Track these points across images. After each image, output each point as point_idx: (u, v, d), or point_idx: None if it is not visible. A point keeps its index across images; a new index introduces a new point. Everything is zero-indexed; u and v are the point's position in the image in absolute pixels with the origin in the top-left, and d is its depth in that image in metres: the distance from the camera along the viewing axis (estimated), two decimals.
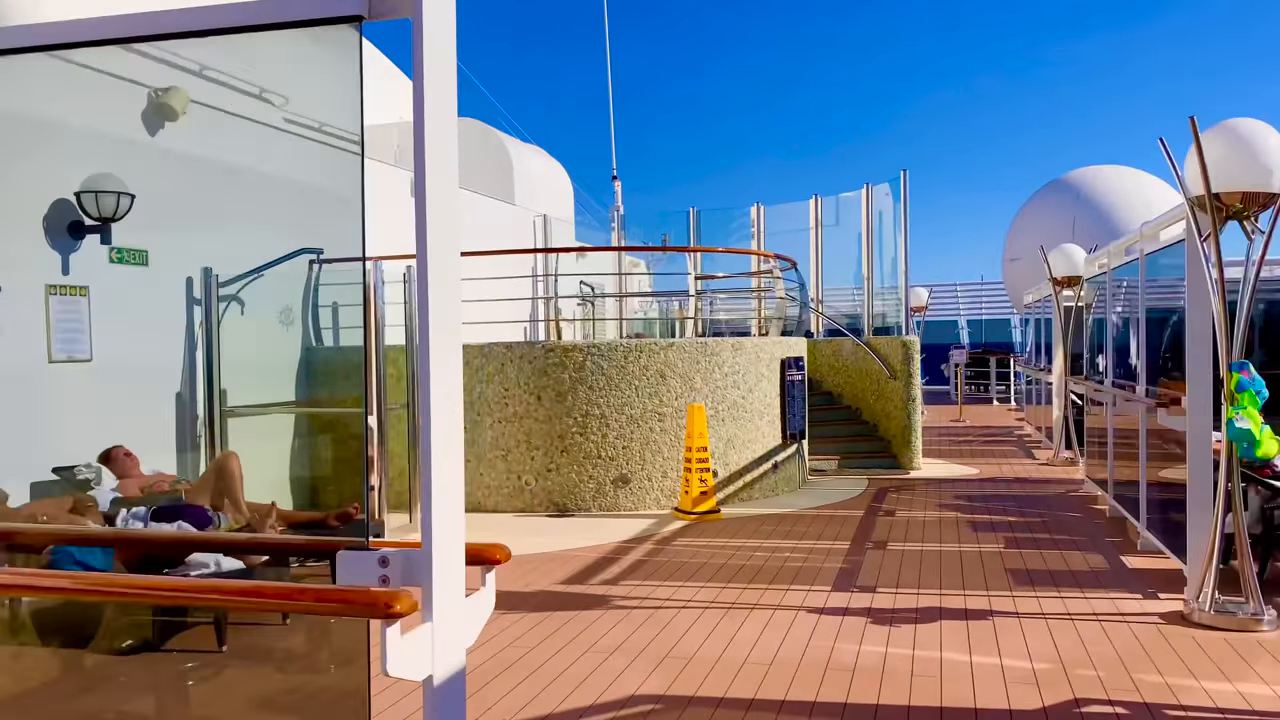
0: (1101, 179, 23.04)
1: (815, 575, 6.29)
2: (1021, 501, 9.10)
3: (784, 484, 9.81)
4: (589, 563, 6.82)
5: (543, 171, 16.07)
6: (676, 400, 8.91)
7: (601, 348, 8.86)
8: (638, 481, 8.84)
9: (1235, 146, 4.93)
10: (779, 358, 9.79)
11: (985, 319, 31.17)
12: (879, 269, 12.60)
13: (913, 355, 11.48)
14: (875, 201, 12.36)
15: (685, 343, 9.03)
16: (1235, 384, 4.95)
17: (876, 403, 11.99)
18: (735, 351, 9.26)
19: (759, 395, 9.48)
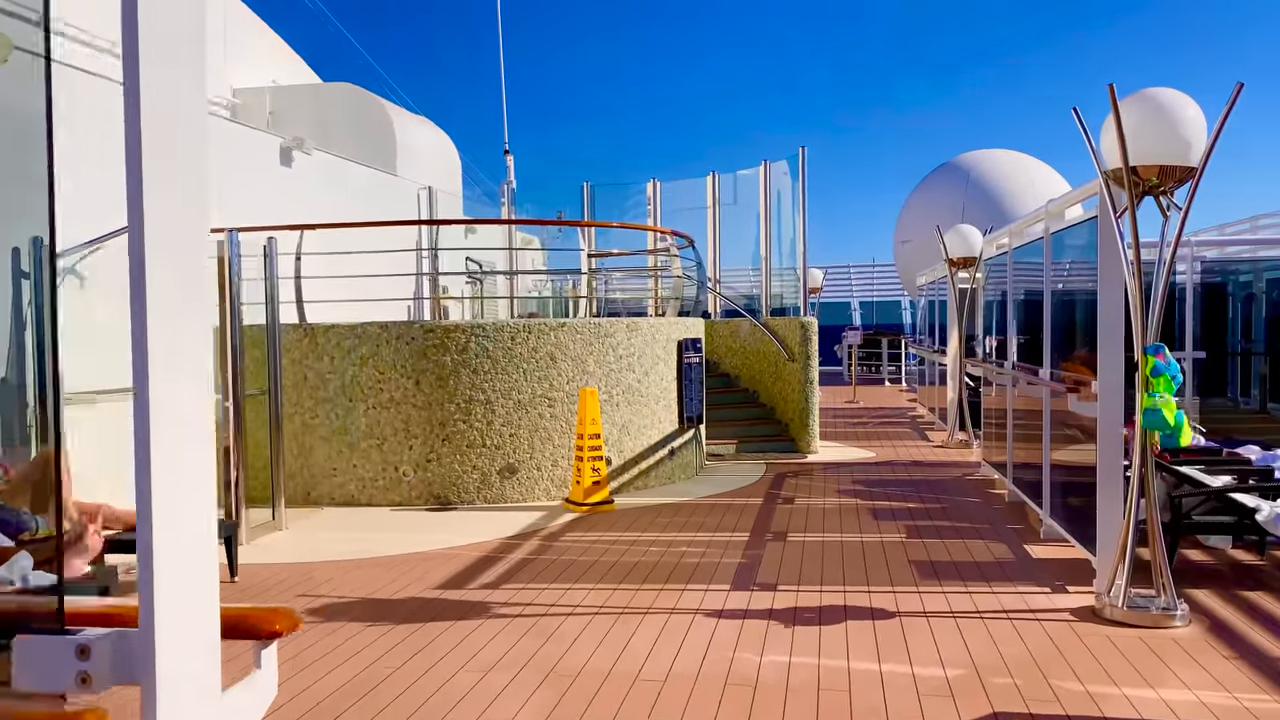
0: (991, 163, 23.44)
1: (713, 572, 5.87)
2: (920, 486, 8.91)
3: (681, 471, 9.40)
4: (469, 563, 6.25)
5: (429, 143, 15.25)
6: (568, 385, 8.38)
7: (486, 328, 8.25)
8: (526, 471, 8.28)
9: (1153, 117, 4.67)
10: (676, 339, 9.36)
11: (877, 300, 31.60)
12: (777, 249, 12.32)
13: (810, 337, 11.23)
14: (773, 180, 12.03)
15: (577, 323, 8.50)
16: (1151, 368, 4.71)
17: (774, 385, 11.70)
18: (630, 333, 8.78)
19: (655, 379, 9.04)
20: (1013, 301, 8.01)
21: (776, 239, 12.17)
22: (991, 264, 9.22)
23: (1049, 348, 6.62)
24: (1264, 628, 4.69)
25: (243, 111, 13.67)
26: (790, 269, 12.71)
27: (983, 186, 22.98)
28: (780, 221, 12.12)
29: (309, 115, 13.42)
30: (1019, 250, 7.86)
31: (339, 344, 8.34)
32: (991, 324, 9.29)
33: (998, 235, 9.17)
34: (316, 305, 8.78)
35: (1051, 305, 6.60)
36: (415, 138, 14.38)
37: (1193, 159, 4.69)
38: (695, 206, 13.51)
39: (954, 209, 23.13)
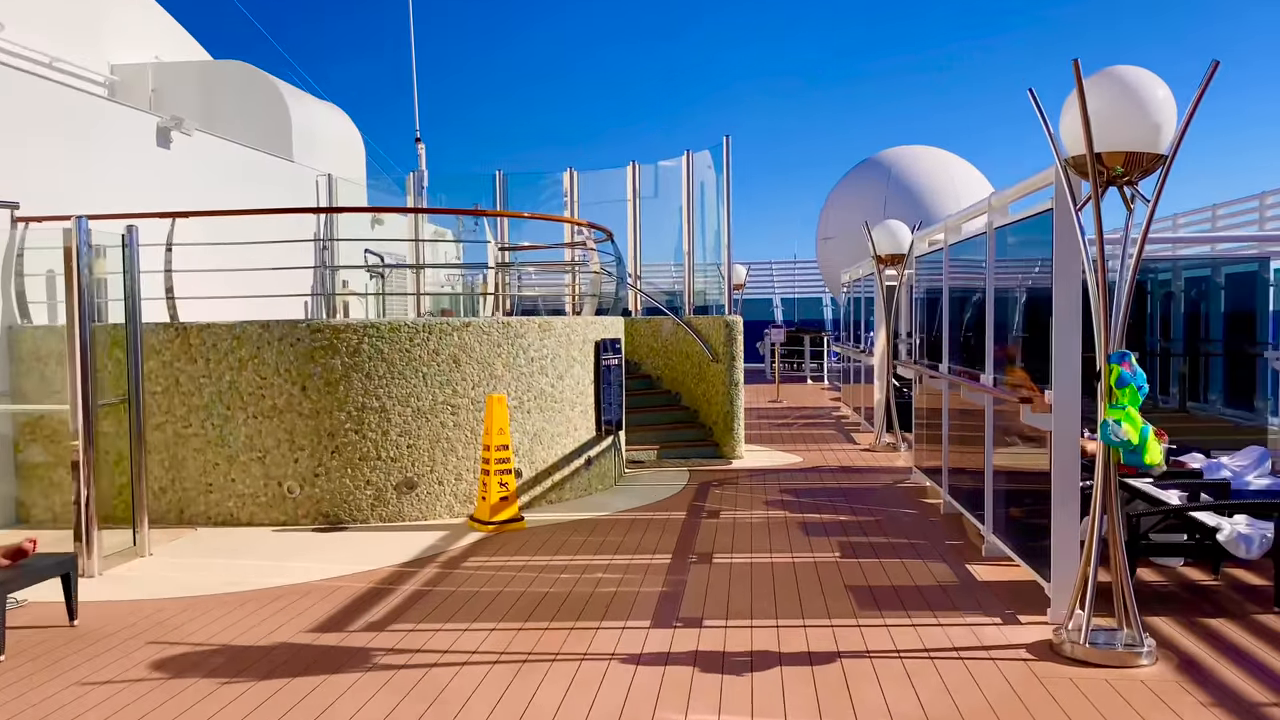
0: (912, 159, 23.33)
1: (632, 604, 5.24)
2: (850, 496, 8.43)
3: (598, 481, 8.75)
4: (355, 596, 5.50)
5: (330, 127, 14.28)
6: (474, 390, 7.65)
7: (381, 328, 7.47)
8: (426, 486, 7.53)
9: (1121, 99, 4.18)
10: (593, 339, 8.69)
11: (799, 297, 31.41)
12: (700, 243, 11.76)
13: (735, 337, 10.68)
14: (696, 171, 11.46)
15: (484, 323, 7.76)
16: (1116, 378, 4.23)
17: (698, 387, 11.13)
18: (543, 333, 8.08)
19: (570, 382, 8.36)
20: (949, 301, 7.55)
21: (700, 233, 11.61)
22: (925, 261, 8.79)
23: (992, 351, 6.15)
24: (1235, 665, 4.25)
25: (121, 89, 12.53)
26: (714, 265, 12.16)
27: (904, 183, 22.85)
28: (704, 214, 11.56)
29: (195, 94, 12.36)
30: (956, 247, 7.40)
31: (215, 345, 7.46)
32: (926, 323, 8.86)
33: (930, 231, 8.74)
34: (195, 302, 7.88)
35: (995, 306, 6.13)
36: (314, 121, 13.40)
37: (1162, 145, 4.21)
38: (615, 199, 12.87)
39: (876, 206, 22.96)
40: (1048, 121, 4.47)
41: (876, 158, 23.89)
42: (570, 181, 12.83)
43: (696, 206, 11.59)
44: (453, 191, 18.86)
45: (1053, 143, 4.48)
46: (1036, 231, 5.29)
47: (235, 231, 8.13)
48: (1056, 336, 4.76)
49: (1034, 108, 4.48)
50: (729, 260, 11.22)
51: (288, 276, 8.18)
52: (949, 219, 8.30)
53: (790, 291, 31.57)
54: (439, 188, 19.14)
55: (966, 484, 7.13)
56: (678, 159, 11.69)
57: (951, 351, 7.51)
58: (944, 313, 7.58)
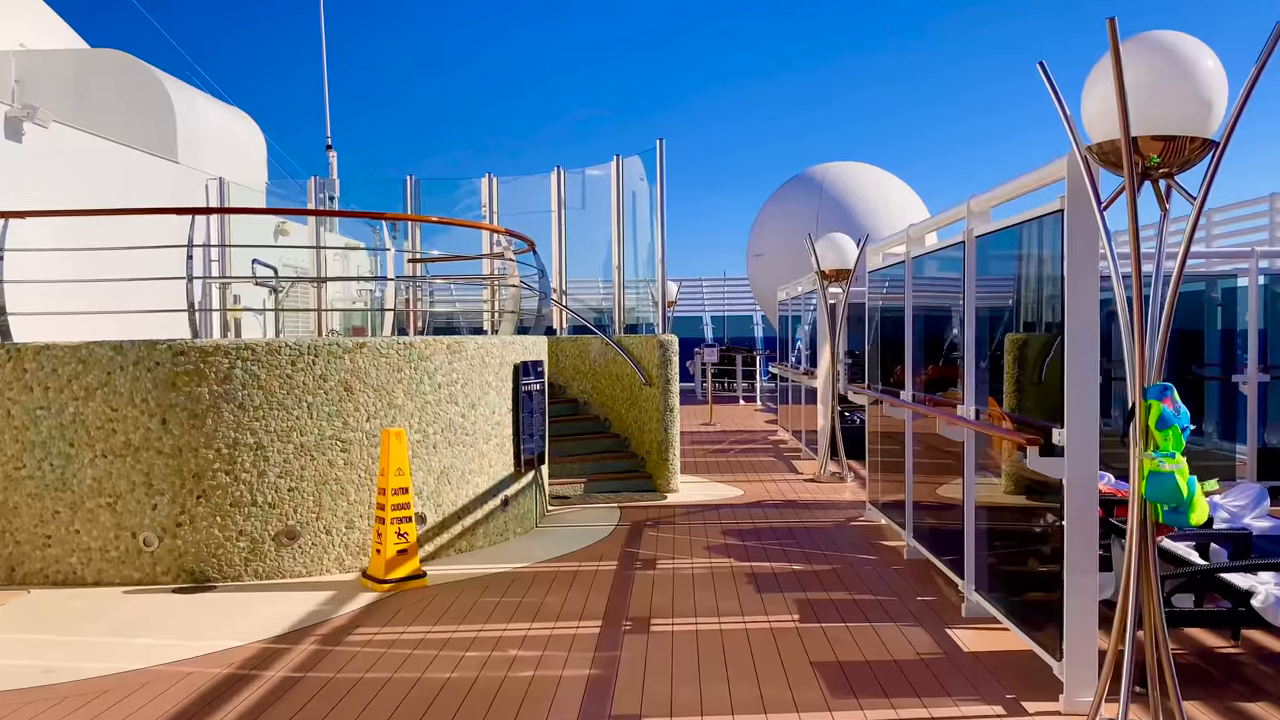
0: (845, 176, 22.83)
1: (551, 700, 4.22)
2: (801, 538, 7.54)
3: (517, 523, 7.70)
4: (204, 691, 4.36)
5: (225, 128, 12.99)
6: (368, 423, 6.55)
7: (258, 350, 6.33)
8: (311, 536, 6.40)
9: (1161, 70, 3.36)
10: (512, 362, 7.66)
11: (729, 315, 30.73)
12: (632, 257, 10.84)
13: (670, 358, 9.75)
14: (627, 179, 10.53)
15: (382, 344, 6.67)
16: (1156, 419, 3.39)
17: (629, 413, 10.17)
18: (453, 355, 7.03)
19: (485, 411, 7.31)
20: (914, 320, 6.74)
21: (631, 245, 10.69)
22: (880, 276, 7.98)
23: (973, 378, 5.32)
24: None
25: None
26: (646, 280, 11.24)
27: (836, 200, 22.31)
28: (635, 225, 10.64)
29: (66, 86, 11.00)
30: (922, 259, 6.60)
31: (55, 370, 6.23)
32: (881, 345, 8.05)
33: (888, 242, 7.94)
34: (43, 319, 6.66)
35: (975, 326, 5.30)
36: (205, 120, 12.12)
37: (1211, 129, 3.40)
38: (538, 210, 11.87)
39: (807, 222, 22.37)
40: (1063, 101, 3.64)
41: (808, 173, 23.35)
42: (489, 188, 11.78)
43: (628, 217, 10.67)
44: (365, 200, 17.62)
45: (1069, 127, 3.65)
46: (1034, 238, 4.48)
47: (103, 236, 6.92)
48: (1070, 364, 3.92)
49: (1046, 83, 3.64)
50: (663, 275, 10.31)
51: (167, 290, 6.95)
52: (912, 228, 7.51)
53: (720, 309, 30.89)
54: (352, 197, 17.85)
55: (937, 525, 6.30)
56: (606, 165, 10.76)
57: (915, 377, 6.69)
58: (908, 333, 6.76)
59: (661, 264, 10.23)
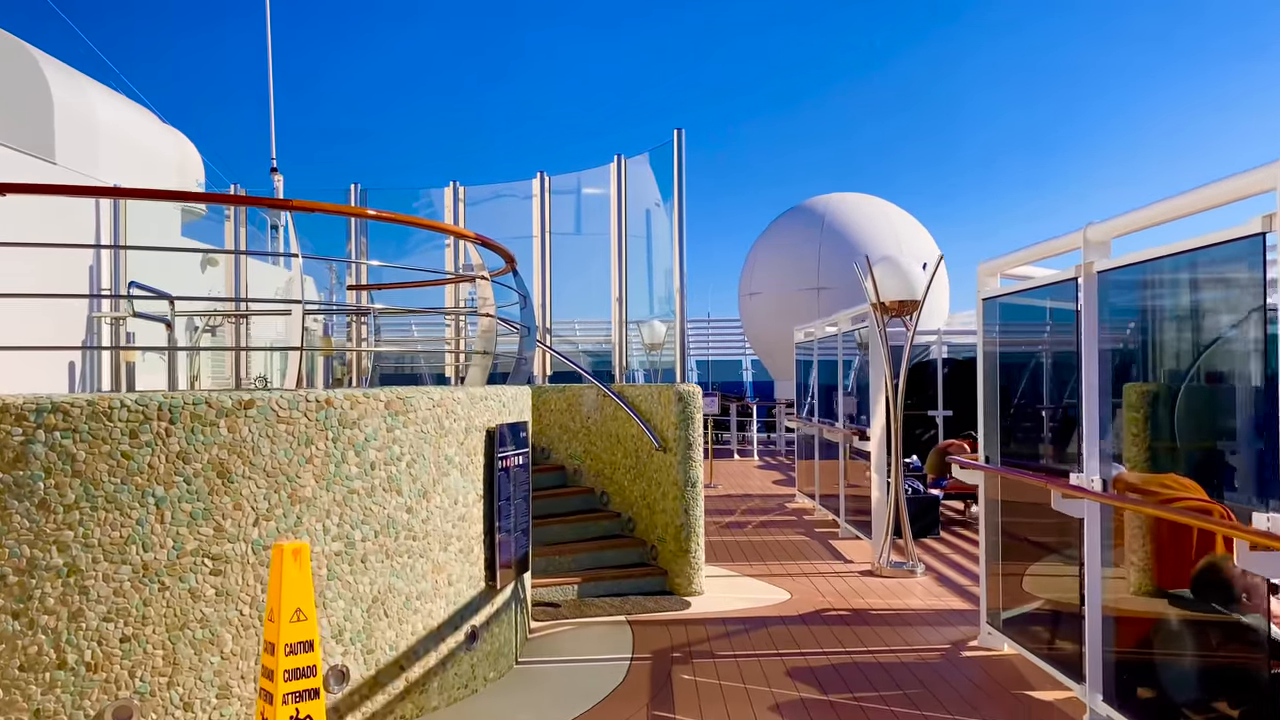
0: (846, 206, 20.81)
1: None
2: (905, 682, 5.18)
3: (489, 665, 5.26)
4: None
5: (127, 126, 10.55)
6: (256, 528, 4.12)
7: (74, 413, 3.89)
8: (159, 716, 3.93)
9: None
10: (485, 426, 5.26)
11: (714, 359, 28.47)
12: (642, 284, 8.54)
13: (692, 416, 7.40)
14: (633, 182, 8.26)
15: (280, 401, 4.24)
16: None
17: (634, 485, 7.79)
18: (395, 418, 4.62)
19: (442, 501, 4.89)
20: (1096, 360, 4.46)
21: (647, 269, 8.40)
22: (1006, 306, 5.73)
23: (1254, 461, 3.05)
24: None
25: None
26: (661, 316, 8.97)
27: (839, 233, 20.25)
28: (652, 244, 8.36)
29: None
30: (1050, 290, 4.34)
31: None
32: (1007, 399, 5.77)
33: (1007, 260, 5.69)
34: None
35: None
36: (100, 115, 9.70)
37: None
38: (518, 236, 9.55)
39: (808, 258, 20.33)
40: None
41: (807, 205, 21.30)
42: (454, 199, 9.44)
43: (631, 231, 8.38)
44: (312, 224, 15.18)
45: None
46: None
47: None
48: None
49: None
50: (682, 306, 7.98)
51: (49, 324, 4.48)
52: (1023, 253, 5.32)
53: (704, 353, 28.64)
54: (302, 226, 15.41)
55: (1165, 679, 3.97)
56: (603, 167, 8.49)
57: (1090, 446, 4.40)
58: (1086, 384, 4.48)
59: (680, 293, 7.91)
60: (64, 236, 8.60)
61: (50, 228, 8.49)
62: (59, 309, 8.61)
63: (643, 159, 8.12)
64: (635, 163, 8.25)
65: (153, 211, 10.22)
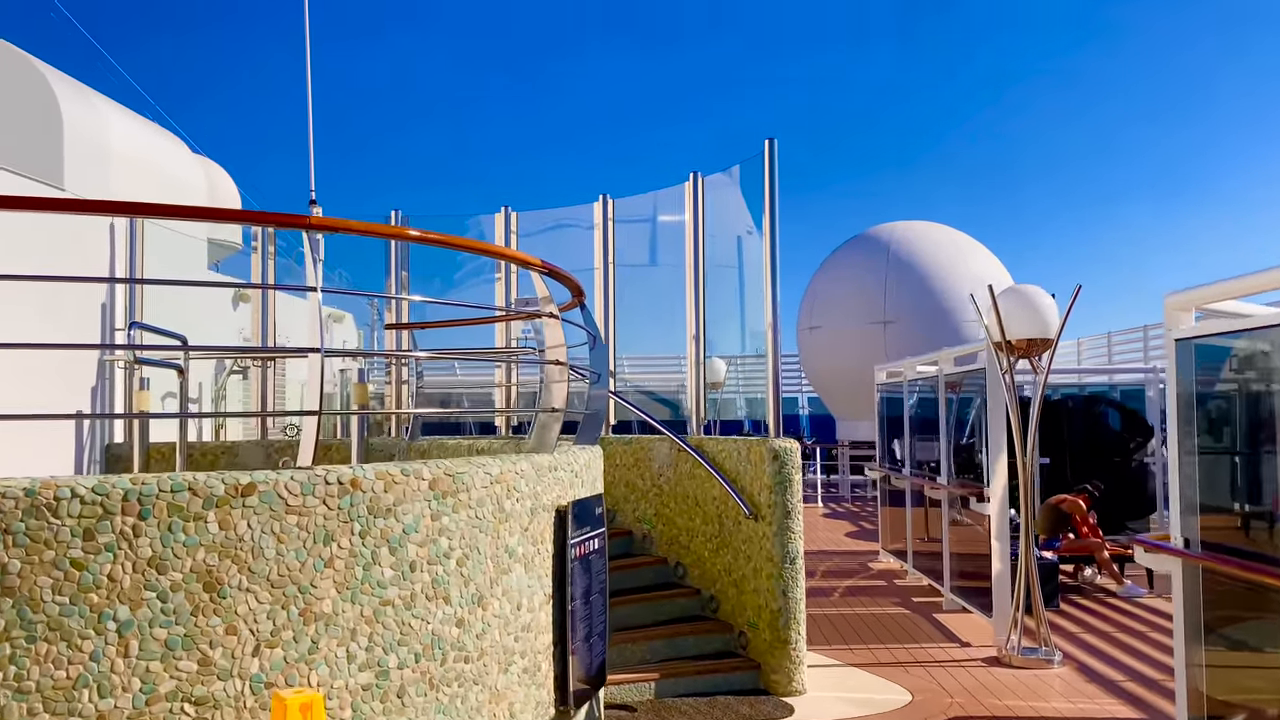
0: (916, 235, 19.58)
1: None
2: None
3: None
4: None
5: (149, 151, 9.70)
6: (255, 658, 3.02)
7: (7, 505, 2.81)
8: None
9: None
10: (554, 504, 4.14)
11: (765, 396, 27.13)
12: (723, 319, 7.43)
13: (790, 478, 6.21)
14: (715, 201, 7.17)
15: (288, 484, 3.14)
16: None
17: (717, 558, 6.62)
18: (441, 502, 3.50)
19: (502, 608, 3.76)
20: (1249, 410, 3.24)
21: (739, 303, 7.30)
22: (1209, 349, 4.51)
23: None
24: None
25: None
26: (753, 358, 7.87)
27: (906, 263, 19.03)
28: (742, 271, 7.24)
29: None
30: None
31: None
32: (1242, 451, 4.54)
33: (1216, 292, 4.48)
34: None
35: None
36: (116, 138, 8.83)
37: None
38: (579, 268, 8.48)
39: (873, 289, 19.12)
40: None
41: (872, 233, 20.12)
42: (504, 228, 8.42)
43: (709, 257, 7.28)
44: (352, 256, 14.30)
45: None
46: None
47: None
48: None
49: None
50: (775, 345, 6.83)
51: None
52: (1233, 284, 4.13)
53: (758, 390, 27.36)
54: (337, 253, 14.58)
55: None
56: (675, 187, 7.40)
57: None
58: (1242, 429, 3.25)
59: (772, 329, 6.77)
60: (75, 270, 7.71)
61: (60, 260, 7.59)
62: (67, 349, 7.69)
63: (724, 177, 7.02)
64: (715, 181, 7.16)
65: (175, 243, 9.32)
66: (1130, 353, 17.64)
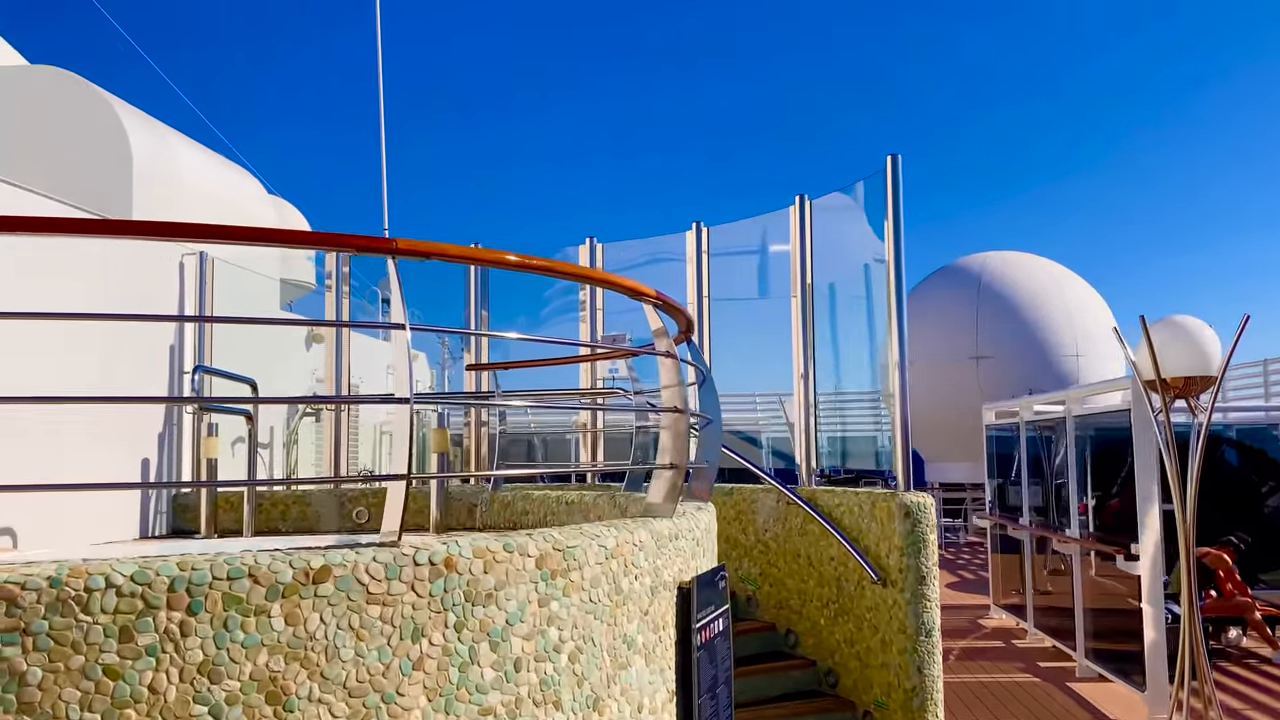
0: (1010, 267, 18.63)
1: None
2: None
3: None
4: None
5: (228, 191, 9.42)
6: None
7: (28, 598, 2.25)
8: None
9: None
10: (676, 579, 3.48)
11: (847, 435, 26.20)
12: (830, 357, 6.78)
13: (924, 537, 5.46)
14: (829, 227, 6.53)
15: (369, 566, 2.54)
16: None
17: (836, 626, 5.88)
18: (550, 584, 2.87)
19: (621, 711, 3.10)
20: None
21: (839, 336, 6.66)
22: None
23: None
24: None
25: None
26: (868, 396, 7.24)
27: (999, 295, 18.07)
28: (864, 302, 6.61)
29: None
30: None
31: None
32: None
33: None
34: None
35: None
36: (184, 170, 8.54)
37: None
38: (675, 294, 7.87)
39: (964, 324, 18.17)
40: None
41: (961, 264, 19.22)
42: (590, 262, 7.87)
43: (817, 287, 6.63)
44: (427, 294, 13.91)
45: None
46: None
47: None
48: None
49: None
50: (902, 383, 6.14)
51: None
52: None
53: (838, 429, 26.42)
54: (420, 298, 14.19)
55: None
56: (778, 213, 6.77)
57: None
58: None
59: (897, 368, 6.09)
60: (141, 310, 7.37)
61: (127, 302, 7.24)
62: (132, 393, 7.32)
63: (840, 198, 6.37)
64: (825, 205, 6.51)
65: (247, 282, 8.97)
66: (1249, 389, 16.39)
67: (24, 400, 3.01)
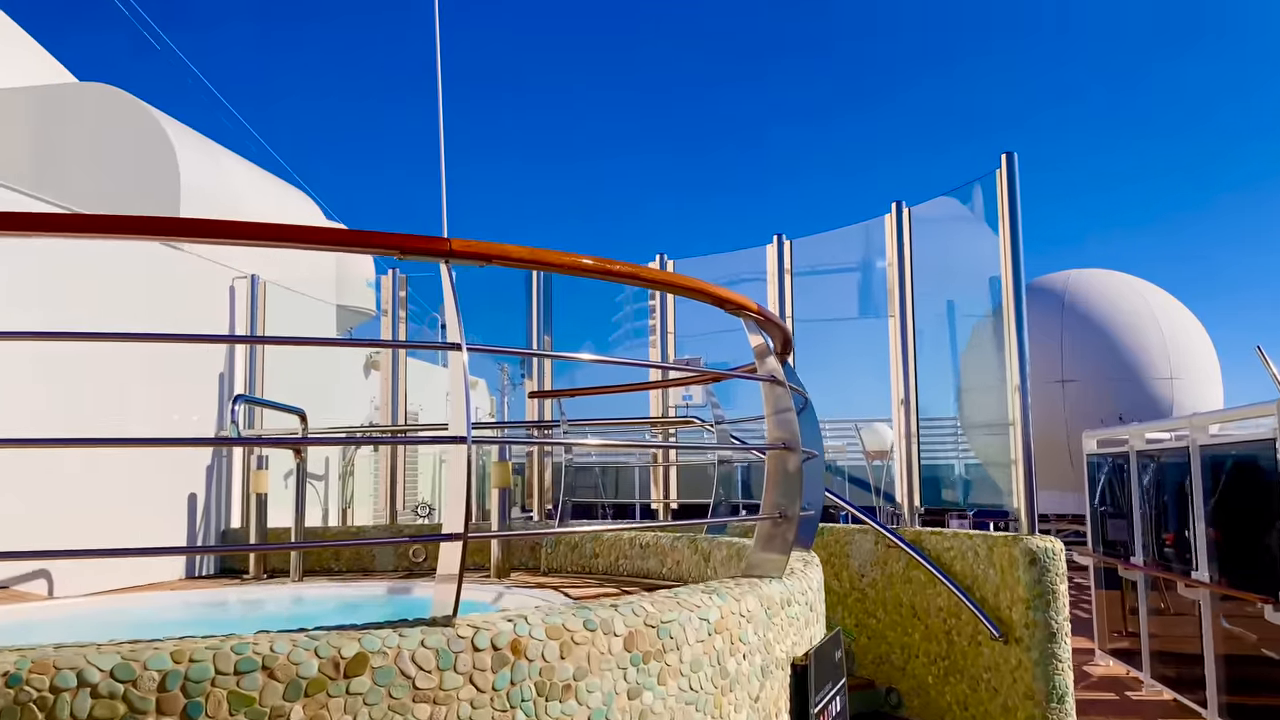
0: (1096, 285, 17.66)
1: None
2: None
3: None
4: None
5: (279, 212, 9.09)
6: None
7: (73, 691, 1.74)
8: None
9: None
10: (789, 655, 2.86)
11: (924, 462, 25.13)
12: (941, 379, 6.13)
13: (1054, 587, 4.75)
14: (932, 235, 5.89)
15: (418, 653, 1.99)
16: None
17: (947, 686, 5.17)
18: (641, 668, 2.29)
19: None
20: None
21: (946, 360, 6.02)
22: None
23: None
24: None
25: None
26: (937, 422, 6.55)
27: (1084, 315, 17.10)
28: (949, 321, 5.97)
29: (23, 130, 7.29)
30: None
31: None
32: None
33: None
34: None
35: None
36: (234, 190, 8.21)
37: None
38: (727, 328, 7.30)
39: (1048, 345, 17.21)
40: None
41: (1042, 283, 18.26)
42: None
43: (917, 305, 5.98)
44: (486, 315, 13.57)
45: None
46: None
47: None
48: None
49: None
50: (1024, 409, 5.44)
51: None
52: None
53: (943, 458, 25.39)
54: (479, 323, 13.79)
55: None
56: (873, 220, 6.14)
57: None
58: None
59: (1018, 393, 5.39)
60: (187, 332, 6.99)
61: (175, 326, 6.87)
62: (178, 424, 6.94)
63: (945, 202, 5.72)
64: (924, 214, 5.87)
65: (301, 307, 8.58)
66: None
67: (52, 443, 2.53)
